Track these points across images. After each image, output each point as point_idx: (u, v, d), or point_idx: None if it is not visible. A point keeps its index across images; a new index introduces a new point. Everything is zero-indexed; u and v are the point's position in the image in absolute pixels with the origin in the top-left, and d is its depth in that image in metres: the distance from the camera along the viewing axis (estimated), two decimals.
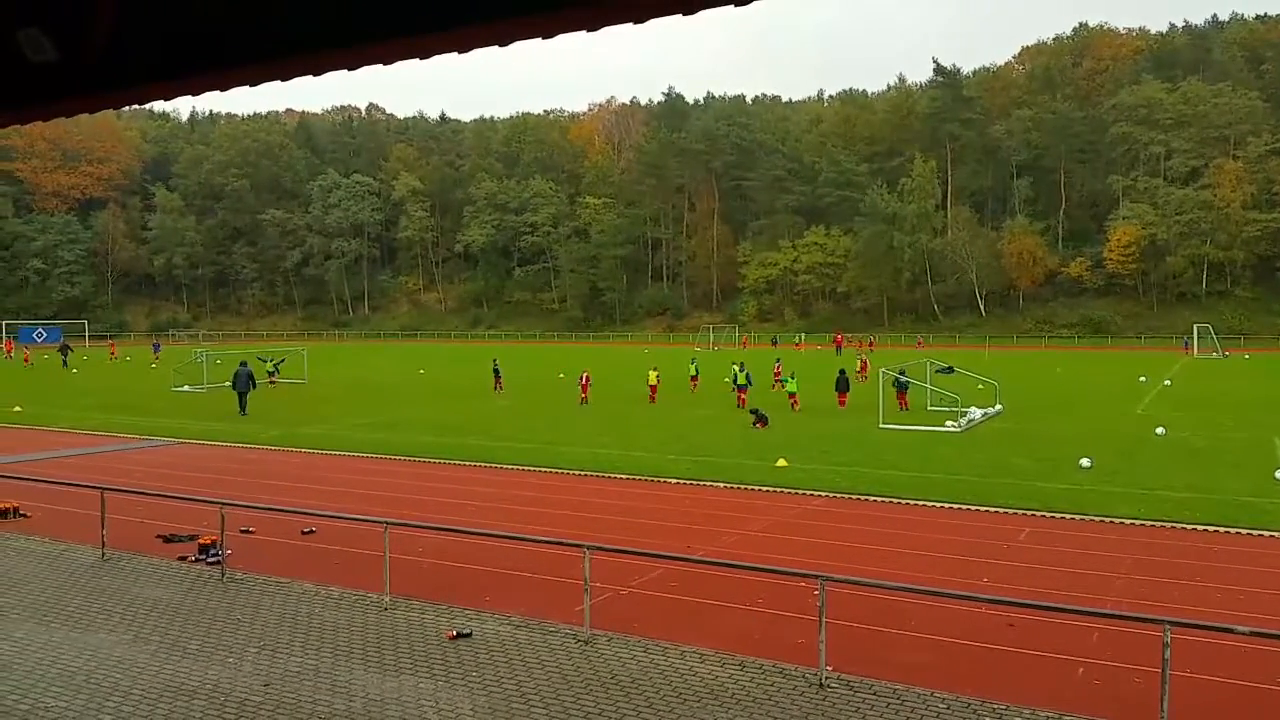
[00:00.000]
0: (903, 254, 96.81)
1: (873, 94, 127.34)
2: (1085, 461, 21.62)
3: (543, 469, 22.15)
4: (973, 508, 17.56)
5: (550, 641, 10.61)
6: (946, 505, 17.80)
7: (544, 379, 49.76)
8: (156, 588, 12.84)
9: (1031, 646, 10.42)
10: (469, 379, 47.96)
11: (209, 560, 13.94)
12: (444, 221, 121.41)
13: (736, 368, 36.30)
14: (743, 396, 34.47)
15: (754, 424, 28.93)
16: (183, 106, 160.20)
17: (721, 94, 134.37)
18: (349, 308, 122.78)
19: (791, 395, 34.41)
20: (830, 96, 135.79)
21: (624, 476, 21.12)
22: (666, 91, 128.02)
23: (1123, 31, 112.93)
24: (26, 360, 66.12)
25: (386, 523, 12.54)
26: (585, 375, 38.59)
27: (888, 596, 11.56)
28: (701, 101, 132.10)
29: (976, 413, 30.68)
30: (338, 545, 14.83)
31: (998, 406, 32.80)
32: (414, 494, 19.21)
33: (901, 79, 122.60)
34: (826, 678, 9.31)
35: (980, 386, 36.82)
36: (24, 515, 16.95)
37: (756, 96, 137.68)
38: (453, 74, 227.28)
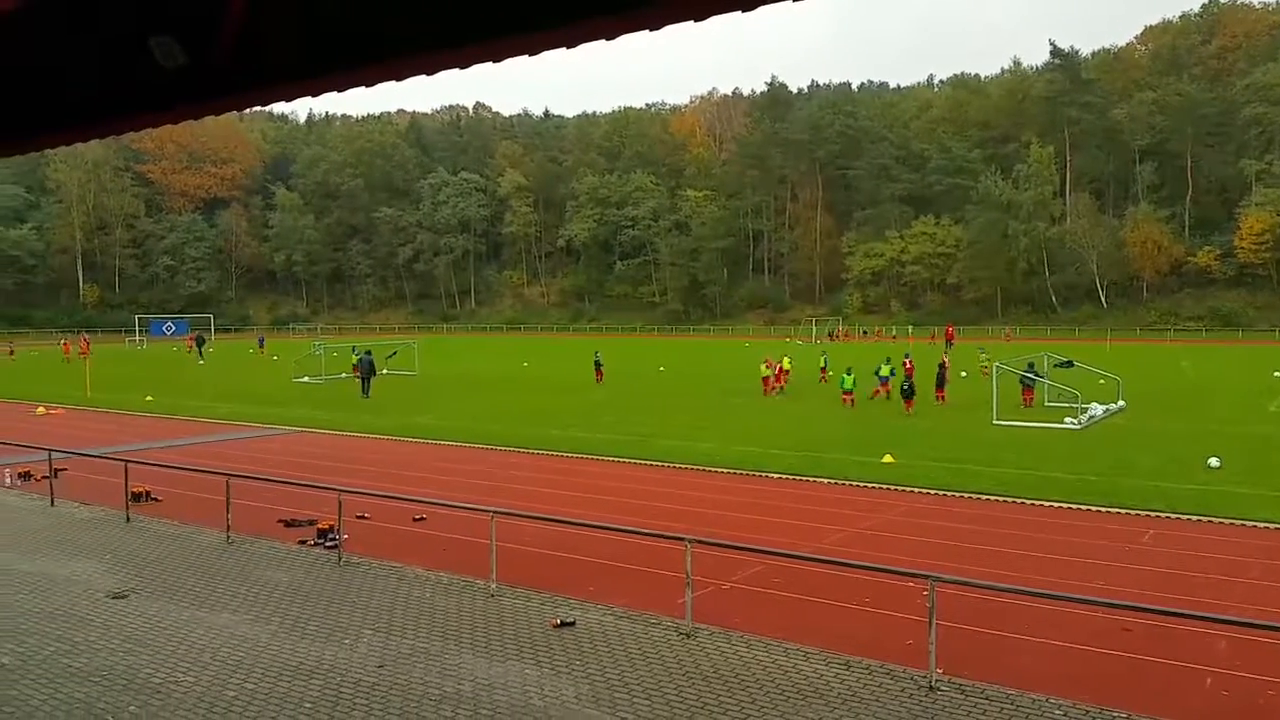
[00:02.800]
0: (1018, 243, 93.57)
1: (985, 78, 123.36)
2: (1214, 461, 20.52)
3: (644, 461, 22.24)
4: (1092, 508, 16.87)
5: (652, 633, 10.65)
6: (1064, 505, 17.14)
7: (645, 372, 49.97)
8: (277, 570, 13.40)
9: (1154, 654, 9.95)
10: (571, 372, 48.51)
11: (327, 544, 14.49)
12: (547, 216, 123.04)
13: (882, 361, 36.06)
14: (885, 389, 33.80)
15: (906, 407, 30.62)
16: (301, 109, 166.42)
17: (826, 82, 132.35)
18: (456, 302, 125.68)
19: (846, 392, 32.62)
20: (940, 81, 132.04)
21: (725, 470, 21.04)
22: (769, 81, 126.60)
23: (1258, 6, 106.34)
24: (80, 352, 67.36)
25: (494, 511, 12.79)
26: (773, 361, 38.73)
27: (1000, 599, 11.20)
28: (805, 90, 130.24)
29: (1098, 409, 29.45)
30: (447, 532, 15.20)
31: (1120, 403, 31.40)
32: (518, 484, 19.54)
33: (1016, 62, 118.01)
34: (936, 680, 9.08)
35: (1101, 382, 35.35)
36: (156, 499, 17.92)
37: (863, 83, 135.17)
38: (556, 72, 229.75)
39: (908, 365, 38.54)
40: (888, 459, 21.57)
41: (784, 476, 20.23)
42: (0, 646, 10.37)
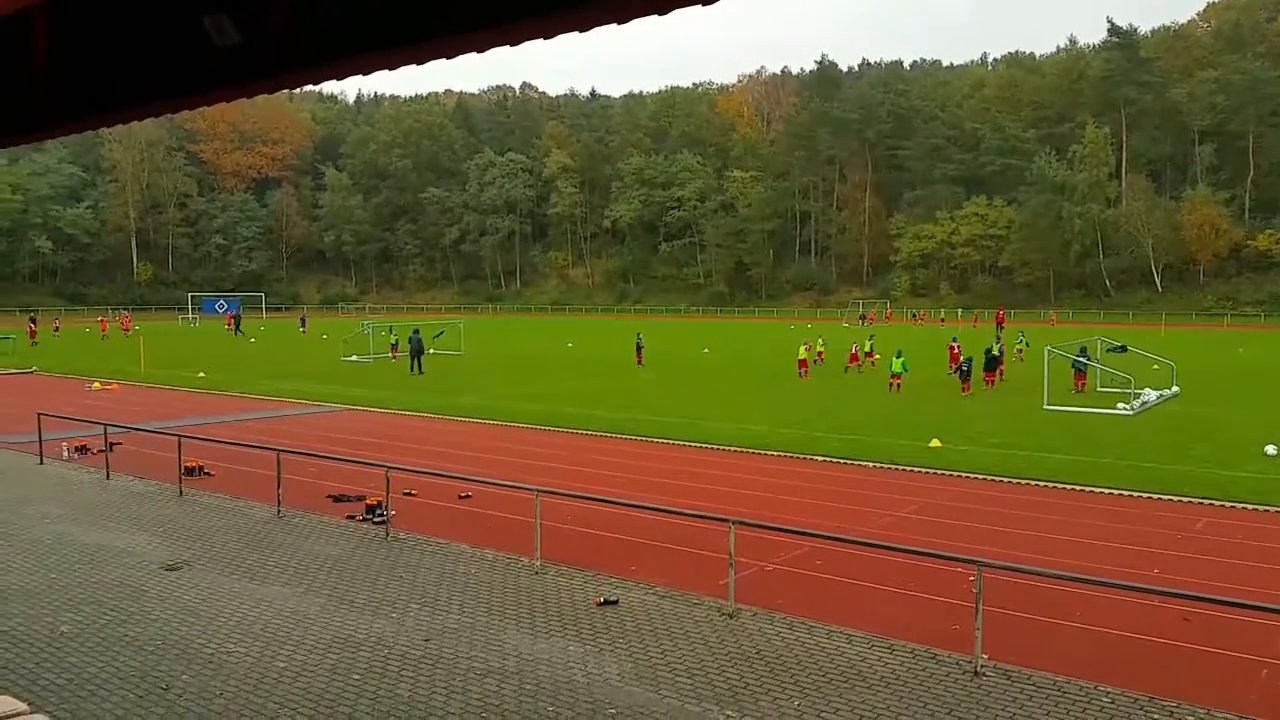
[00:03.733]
0: (1072, 225, 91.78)
1: (1040, 56, 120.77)
2: (1270, 449, 20.00)
3: (687, 442, 22.23)
4: (1145, 495, 16.55)
5: (695, 613, 10.67)
6: (1115, 491, 16.83)
7: (689, 354, 49.91)
8: (326, 544, 13.64)
9: (1207, 643, 9.76)
10: (616, 353, 48.59)
11: (374, 520, 14.71)
12: (592, 197, 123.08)
13: (994, 340, 35.89)
14: (994, 373, 33.48)
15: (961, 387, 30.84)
16: (349, 89, 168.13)
17: (877, 60, 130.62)
18: (502, 282, 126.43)
19: (895, 375, 32.03)
20: (994, 60, 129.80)
21: (770, 452, 20.96)
22: (819, 60, 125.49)
23: None
24: (122, 328, 69.25)
25: (538, 490, 12.88)
26: (812, 344, 39.08)
27: (1048, 585, 11.05)
28: (855, 69, 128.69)
29: (1151, 394, 28.86)
30: (492, 510, 15.35)
31: (1174, 388, 30.72)
32: (562, 463, 19.65)
33: (1072, 40, 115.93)
34: (982, 665, 8.99)
35: (1155, 367, 34.62)
36: (208, 473, 18.30)
37: (914, 62, 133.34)
38: (604, 52, 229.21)
39: (954, 349, 38.11)
40: (935, 443, 21.34)
41: (829, 459, 20.11)
42: (60, 615, 10.69)
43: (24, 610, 10.84)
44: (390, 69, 3.32)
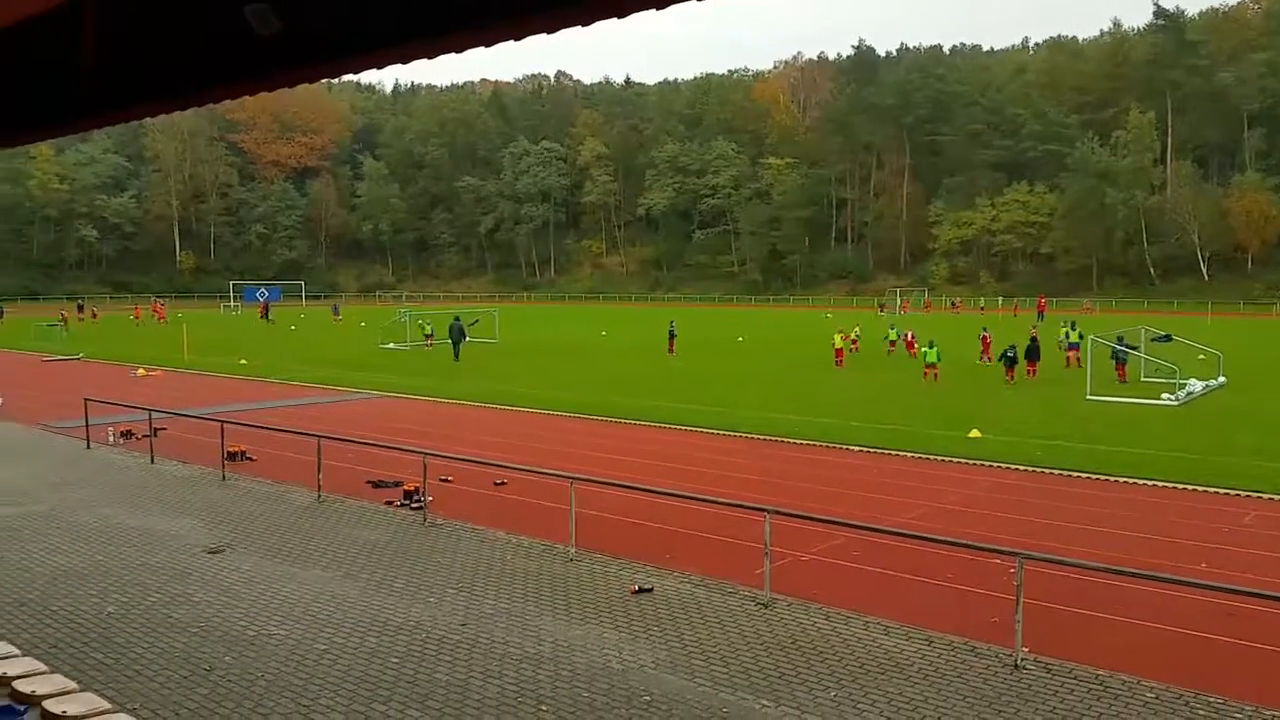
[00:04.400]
0: (1115, 212, 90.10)
1: (1083, 40, 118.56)
2: None
3: (722, 431, 22.19)
4: (1190, 487, 16.26)
5: (729, 602, 10.66)
6: (1160, 484, 16.55)
7: (724, 342, 49.77)
8: (365, 529, 13.79)
9: (1253, 639, 9.57)
10: (649, 341, 48.56)
11: (412, 505, 14.86)
12: (626, 185, 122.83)
13: (1067, 327, 36.05)
14: (1073, 356, 33.49)
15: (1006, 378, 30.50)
16: (387, 79, 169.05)
17: (915, 45, 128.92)
18: (536, 271, 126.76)
19: (929, 366, 31.54)
20: (1036, 44, 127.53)
21: (804, 442, 20.86)
22: (856, 45, 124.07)
23: None
24: (159, 318, 70.89)
25: (572, 478, 12.92)
26: (847, 333, 39.12)
27: (1090, 578, 10.90)
28: (894, 54, 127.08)
29: (1197, 385, 28.29)
30: (527, 497, 15.43)
31: (1221, 379, 30.09)
32: (596, 451, 19.70)
33: (1116, 23, 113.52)
34: (1022, 658, 8.89)
35: (1201, 357, 33.93)
36: (250, 458, 18.58)
37: (954, 46, 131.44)
38: (639, 39, 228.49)
39: (985, 339, 37.75)
40: (974, 433, 21.10)
41: (865, 449, 19.96)
42: (107, 596, 10.91)
43: (72, 591, 11.08)
44: (429, 58, 3.31)
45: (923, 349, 33.70)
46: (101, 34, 3.72)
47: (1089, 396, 26.96)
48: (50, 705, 5.86)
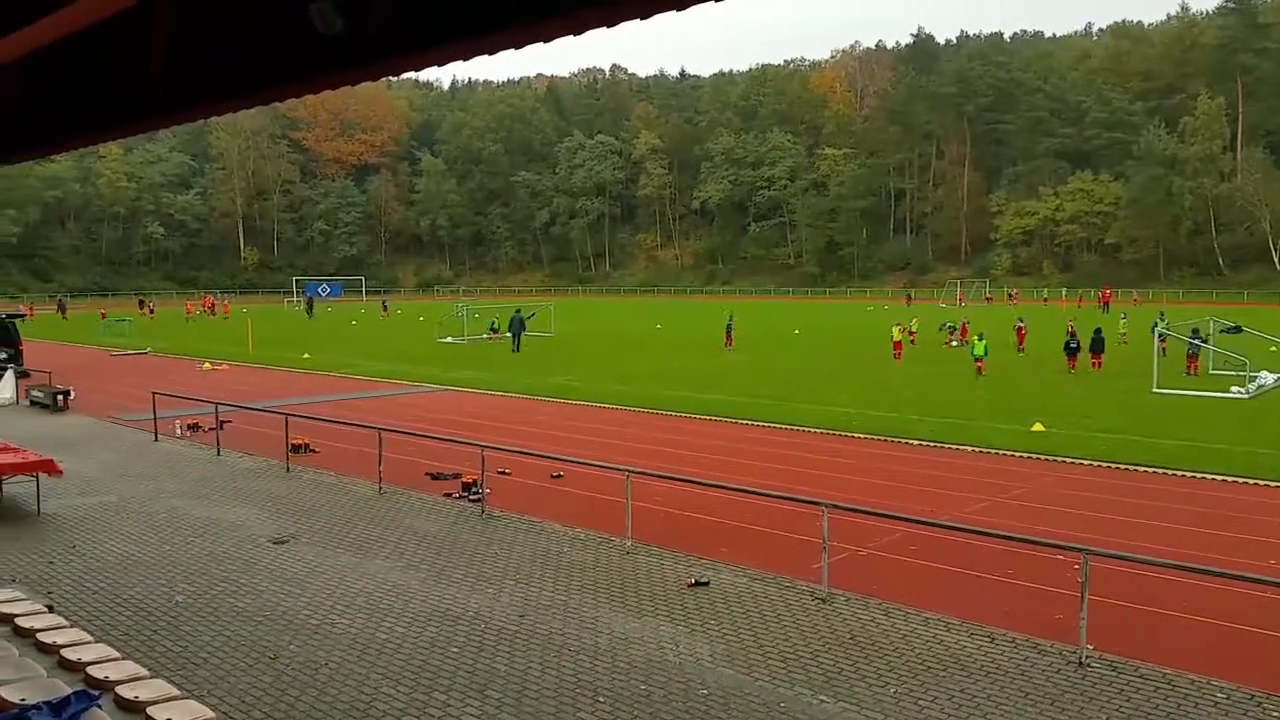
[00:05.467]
0: (1183, 201, 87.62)
1: (1149, 25, 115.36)
2: None
3: (780, 425, 22.05)
4: (1260, 482, 15.76)
5: (787, 596, 10.60)
6: (1228, 478, 16.07)
7: (780, 334, 49.43)
8: (425, 520, 13.99)
9: None
10: (705, 334, 48.44)
11: (471, 498, 15.03)
12: (681, 178, 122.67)
13: (1159, 319, 36.21)
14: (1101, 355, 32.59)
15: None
16: (445, 76, 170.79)
17: (976, 32, 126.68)
18: (591, 264, 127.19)
19: (978, 359, 30.86)
20: (1100, 30, 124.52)
21: (864, 435, 20.64)
22: (915, 33, 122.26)
23: None
24: (223, 313, 72.57)
25: (629, 471, 12.96)
26: (905, 326, 38.94)
27: (1156, 574, 10.62)
28: (954, 41, 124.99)
29: (1268, 377, 27.41)
30: (583, 490, 15.51)
31: None
32: (652, 444, 19.72)
33: (1184, 8, 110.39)
34: (1086, 656, 8.71)
35: (1273, 349, 32.89)
36: (313, 450, 18.94)
37: (1016, 33, 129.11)
38: (694, 32, 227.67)
39: (1020, 330, 37.17)
40: (1038, 427, 20.69)
41: (925, 443, 19.69)
42: (175, 585, 11.22)
43: (142, 580, 11.41)
44: (489, 54, 3.33)
45: (972, 339, 33.15)
46: (171, 35, 3.81)
47: (1155, 389, 26.27)
48: (123, 690, 6.04)
